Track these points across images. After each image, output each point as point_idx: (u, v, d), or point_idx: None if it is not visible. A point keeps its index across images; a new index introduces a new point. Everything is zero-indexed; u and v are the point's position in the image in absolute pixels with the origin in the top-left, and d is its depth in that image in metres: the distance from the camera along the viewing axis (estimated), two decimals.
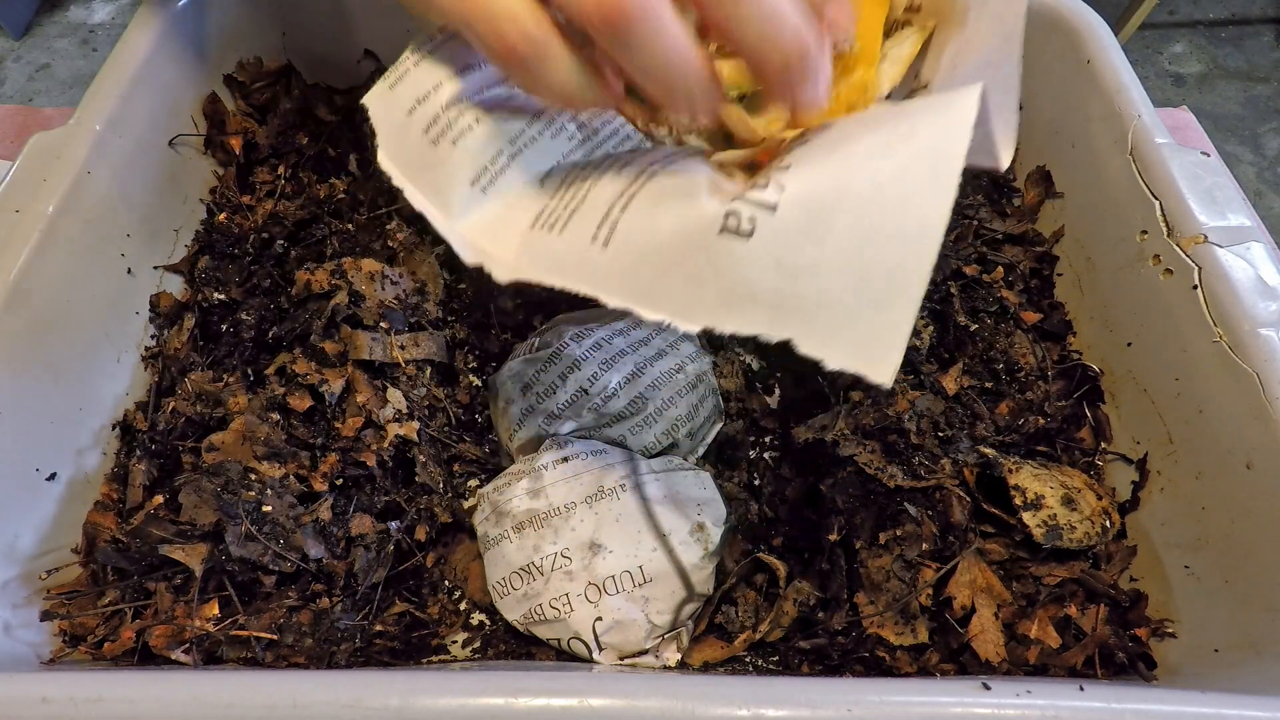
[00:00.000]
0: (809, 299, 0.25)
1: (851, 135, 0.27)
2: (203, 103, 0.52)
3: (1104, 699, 0.27)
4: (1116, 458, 0.44)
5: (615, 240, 0.27)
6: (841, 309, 0.25)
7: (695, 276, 0.26)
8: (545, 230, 0.29)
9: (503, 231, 0.30)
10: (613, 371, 0.45)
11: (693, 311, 0.26)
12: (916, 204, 0.24)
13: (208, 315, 0.48)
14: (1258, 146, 1.57)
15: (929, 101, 0.27)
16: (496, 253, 0.29)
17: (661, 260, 0.26)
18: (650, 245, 0.26)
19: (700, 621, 0.42)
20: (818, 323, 0.25)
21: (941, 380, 0.44)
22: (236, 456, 0.40)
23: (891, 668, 0.37)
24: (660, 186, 0.28)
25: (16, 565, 0.37)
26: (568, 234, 0.28)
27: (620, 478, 0.42)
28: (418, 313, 0.47)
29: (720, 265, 0.25)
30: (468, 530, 0.45)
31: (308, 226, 0.50)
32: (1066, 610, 0.38)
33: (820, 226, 0.25)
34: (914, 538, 0.39)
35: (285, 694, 0.27)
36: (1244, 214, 0.40)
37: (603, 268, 0.27)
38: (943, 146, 0.24)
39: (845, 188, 0.25)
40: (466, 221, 0.29)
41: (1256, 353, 0.36)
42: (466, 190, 0.29)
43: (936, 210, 0.24)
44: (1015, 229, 0.52)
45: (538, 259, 0.29)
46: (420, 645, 0.41)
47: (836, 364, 0.25)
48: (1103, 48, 0.48)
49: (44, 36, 1.69)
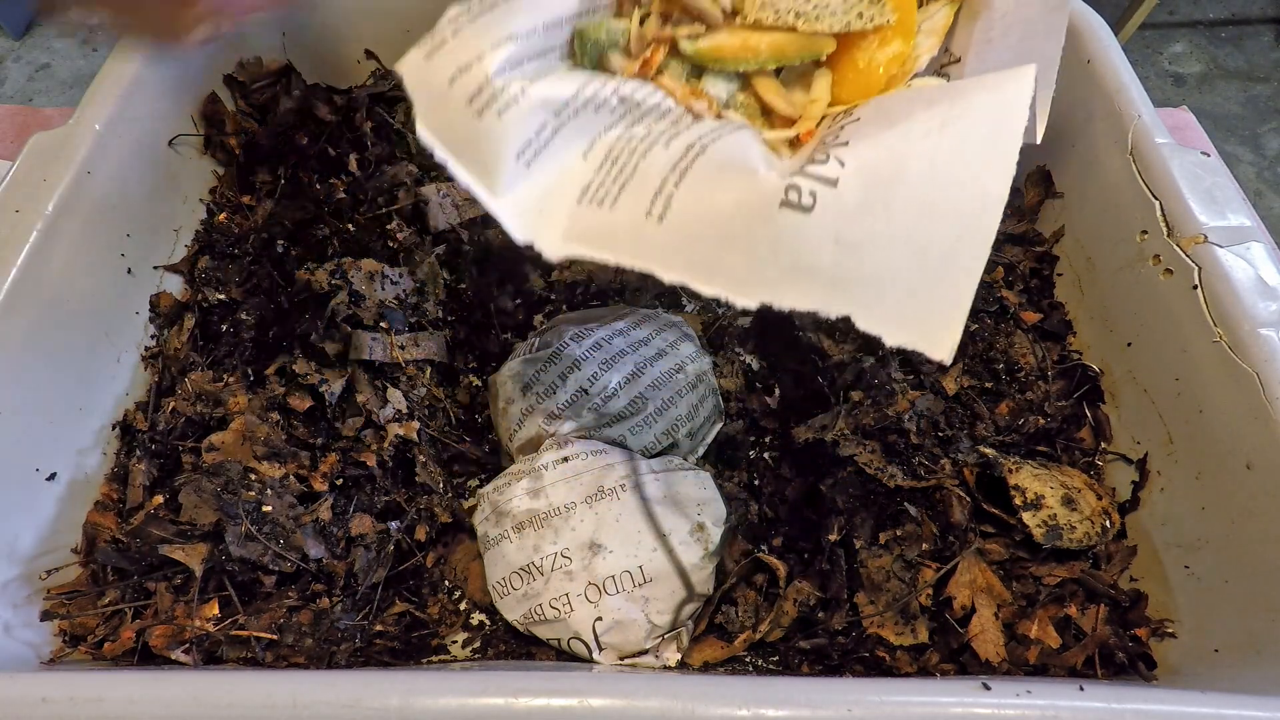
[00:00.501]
0: (868, 274, 0.25)
1: (906, 113, 0.27)
2: (203, 103, 0.52)
3: (1104, 699, 0.27)
4: (1116, 458, 0.44)
5: (671, 213, 0.27)
6: (901, 284, 0.25)
7: (755, 250, 0.26)
8: (595, 205, 0.29)
9: (550, 205, 0.29)
10: (613, 371, 0.45)
11: (752, 285, 0.26)
12: (975, 180, 0.25)
13: (208, 315, 0.48)
14: (1258, 146, 1.57)
15: (982, 80, 0.27)
16: (544, 228, 0.29)
17: (720, 234, 0.26)
18: (709, 218, 0.26)
19: (700, 621, 0.42)
20: (876, 298, 0.25)
21: (941, 380, 0.44)
22: (236, 456, 0.40)
23: (891, 668, 0.37)
24: (714, 159, 0.28)
25: (16, 565, 0.37)
26: (620, 208, 0.28)
27: (620, 478, 0.42)
28: (418, 313, 0.47)
29: (781, 239, 0.25)
30: (468, 530, 0.45)
31: (308, 226, 0.50)
32: (1066, 610, 0.38)
33: (880, 202, 0.25)
34: (914, 538, 0.39)
35: (285, 694, 0.27)
36: (1244, 214, 0.40)
37: (659, 241, 0.27)
38: (1000, 124, 0.25)
39: (903, 164, 0.25)
40: (512, 197, 0.29)
41: (1256, 353, 0.36)
42: (512, 164, 0.29)
43: (996, 187, 0.25)
44: (1015, 229, 0.52)
45: (588, 233, 0.28)
46: (420, 645, 0.41)
47: (895, 340, 0.25)
48: (1103, 48, 0.48)
49: (44, 36, 1.69)
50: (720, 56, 0.32)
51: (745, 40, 0.31)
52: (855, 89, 0.32)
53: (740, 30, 0.32)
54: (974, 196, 0.25)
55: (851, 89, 0.32)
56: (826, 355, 0.46)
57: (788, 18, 0.31)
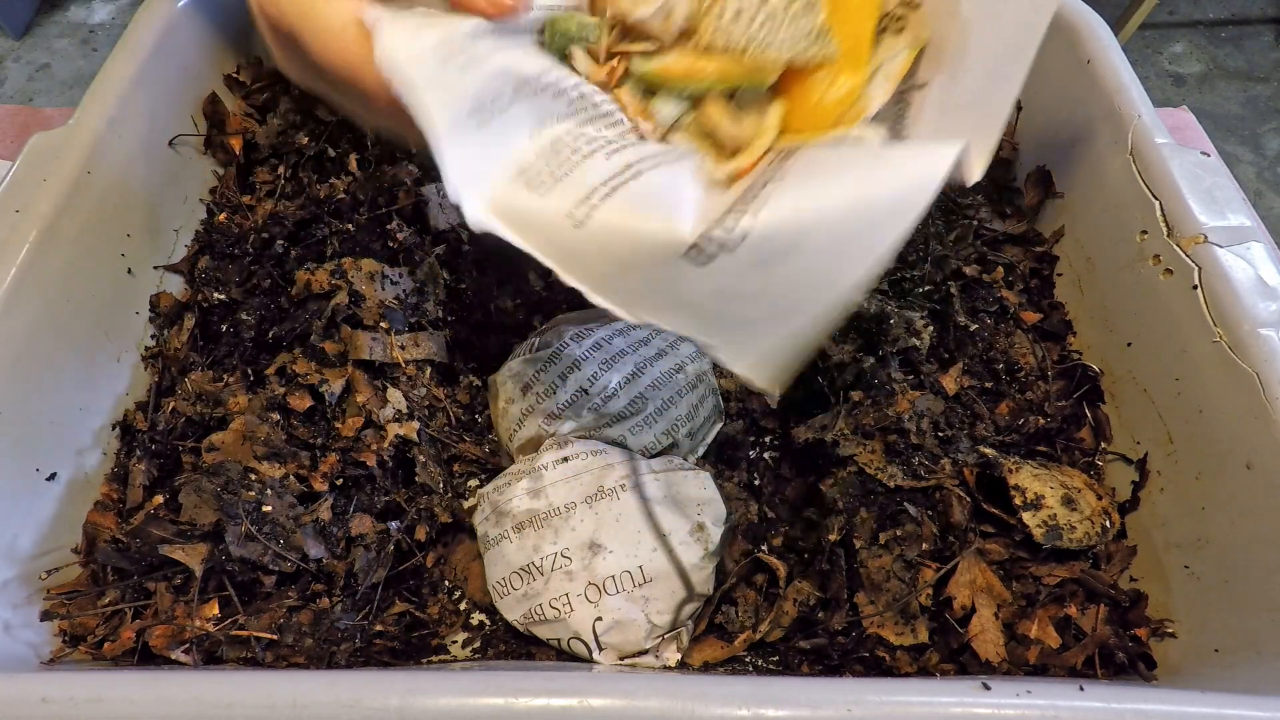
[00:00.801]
0: (733, 318, 0.29)
1: (829, 174, 0.29)
2: (203, 103, 0.52)
3: (1104, 699, 0.27)
4: (1116, 458, 0.44)
5: (590, 225, 0.28)
6: (754, 331, 0.30)
7: (649, 279, 0.28)
8: (526, 188, 0.29)
9: (485, 172, 0.30)
10: (613, 371, 0.45)
11: (637, 306, 0.29)
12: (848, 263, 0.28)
13: (208, 315, 0.48)
14: (1258, 146, 1.57)
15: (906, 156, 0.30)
16: (474, 194, 0.29)
17: (623, 258, 0.28)
18: (619, 243, 0.28)
19: (700, 621, 0.42)
20: (733, 337, 0.30)
21: (941, 380, 0.44)
22: (236, 456, 0.40)
23: (891, 668, 0.37)
24: (645, 188, 0.29)
25: (16, 565, 0.37)
26: (548, 201, 0.29)
27: (620, 478, 0.42)
28: (418, 313, 0.47)
29: (674, 279, 0.28)
30: (468, 530, 0.45)
31: (308, 226, 0.50)
32: (1066, 610, 0.38)
33: (766, 270, 0.28)
34: (914, 538, 0.39)
35: (285, 694, 0.27)
36: (1244, 214, 0.40)
37: (569, 246, 0.28)
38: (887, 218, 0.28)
39: (804, 236, 0.28)
40: (455, 151, 0.29)
41: (1256, 353, 0.36)
42: (464, 119, 0.29)
43: (853, 275, 0.28)
44: (1015, 229, 0.52)
45: (511, 214, 0.29)
46: (420, 645, 0.41)
47: (738, 370, 0.30)
48: (1103, 48, 0.48)
49: (44, 36, 1.69)
50: (667, 78, 0.32)
51: (693, 63, 0.32)
52: (806, 123, 0.33)
53: (689, 53, 0.32)
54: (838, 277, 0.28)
55: (802, 123, 0.33)
56: (826, 355, 0.46)
57: (739, 44, 0.32)
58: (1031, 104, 0.54)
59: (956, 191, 0.52)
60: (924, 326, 0.45)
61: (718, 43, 0.32)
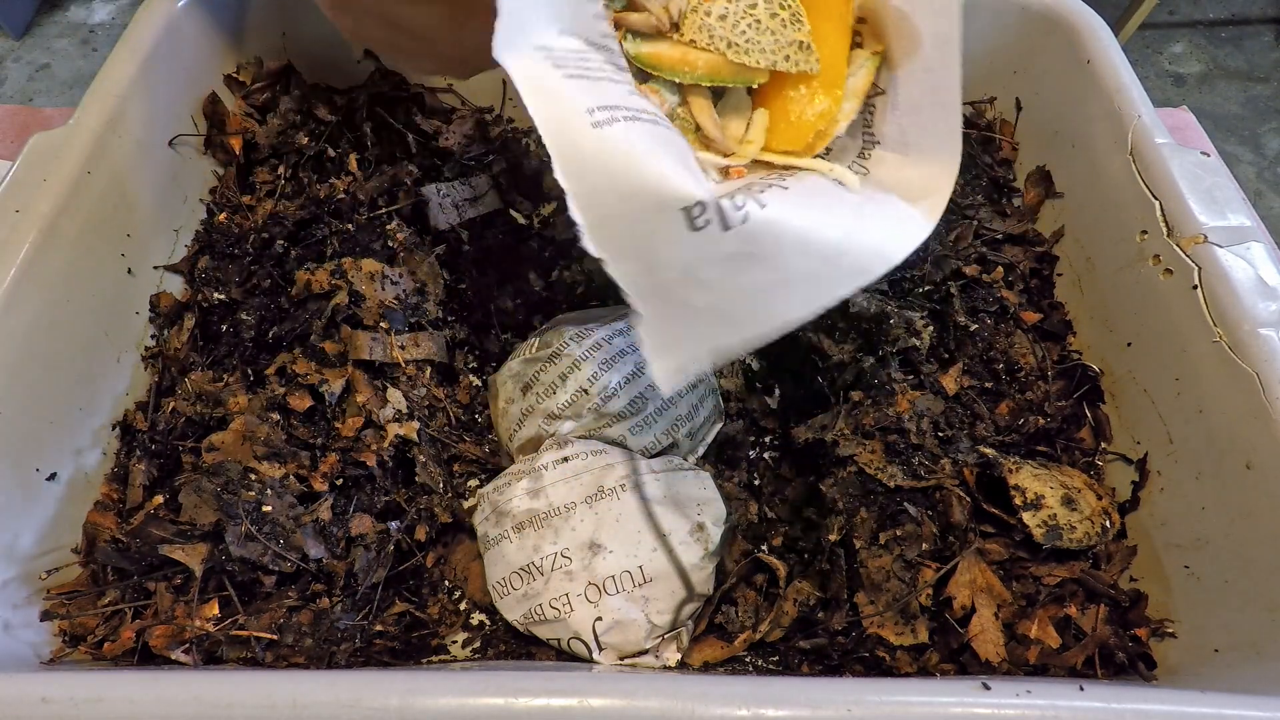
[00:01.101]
0: (679, 300, 0.29)
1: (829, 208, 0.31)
2: (203, 103, 0.52)
3: (1104, 699, 0.27)
4: (1116, 458, 0.44)
5: (607, 134, 0.27)
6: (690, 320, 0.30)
7: (637, 222, 0.28)
8: (554, 66, 0.29)
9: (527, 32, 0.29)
10: (613, 371, 0.45)
11: (604, 236, 0.28)
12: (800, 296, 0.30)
13: (208, 315, 0.48)
14: (1258, 146, 1.57)
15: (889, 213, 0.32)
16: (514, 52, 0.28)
17: (624, 190, 0.27)
18: (630, 169, 0.27)
19: (700, 621, 0.42)
20: (667, 317, 0.30)
21: (941, 380, 0.44)
22: (236, 456, 0.40)
23: (891, 668, 0.37)
24: (664, 136, 0.29)
25: (16, 565, 0.37)
26: (571, 85, 0.28)
27: (620, 478, 0.42)
28: (418, 313, 0.47)
29: (658, 231, 0.28)
30: (468, 530, 0.45)
31: (308, 226, 0.50)
32: (1066, 610, 0.38)
33: (738, 265, 0.29)
34: (914, 538, 0.39)
35: (285, 694, 0.27)
36: (1244, 214, 0.40)
37: (579, 146, 0.27)
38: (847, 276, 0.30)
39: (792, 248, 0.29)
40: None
41: (1256, 353, 0.36)
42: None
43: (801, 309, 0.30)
44: (1015, 229, 0.52)
45: (533, 80, 0.28)
46: (420, 645, 0.41)
47: (645, 352, 0.30)
48: (1103, 48, 0.48)
49: (44, 36, 1.69)
50: (659, 64, 0.33)
51: (685, 54, 0.33)
52: (785, 139, 0.34)
53: (682, 44, 0.33)
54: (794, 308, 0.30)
55: (782, 139, 0.34)
56: (826, 355, 0.46)
57: (720, 44, 0.33)
58: (1031, 104, 0.54)
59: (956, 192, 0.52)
60: (924, 326, 0.45)
61: (700, 40, 0.32)
